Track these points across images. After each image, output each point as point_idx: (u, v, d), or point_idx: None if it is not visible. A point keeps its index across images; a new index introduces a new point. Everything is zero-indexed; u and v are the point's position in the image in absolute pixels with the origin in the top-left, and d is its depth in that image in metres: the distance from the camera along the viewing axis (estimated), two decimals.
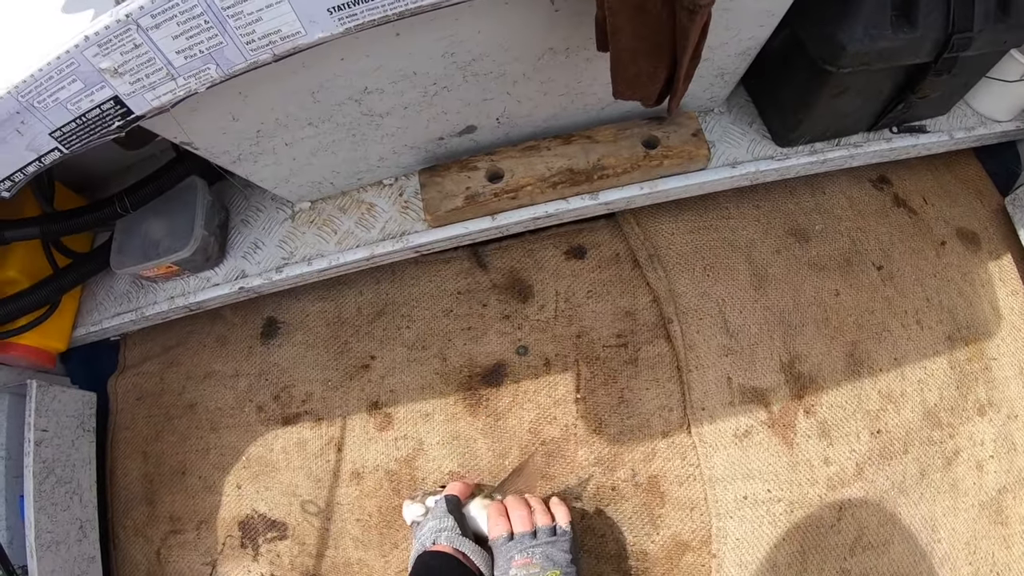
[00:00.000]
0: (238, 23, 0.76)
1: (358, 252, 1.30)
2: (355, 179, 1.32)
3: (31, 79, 0.79)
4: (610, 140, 1.25)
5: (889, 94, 1.25)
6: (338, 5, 0.78)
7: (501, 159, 1.25)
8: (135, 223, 1.40)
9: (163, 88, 0.82)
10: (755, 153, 1.32)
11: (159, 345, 1.65)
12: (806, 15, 1.09)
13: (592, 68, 1.11)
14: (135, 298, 1.49)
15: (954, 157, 1.51)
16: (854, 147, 1.34)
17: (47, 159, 0.90)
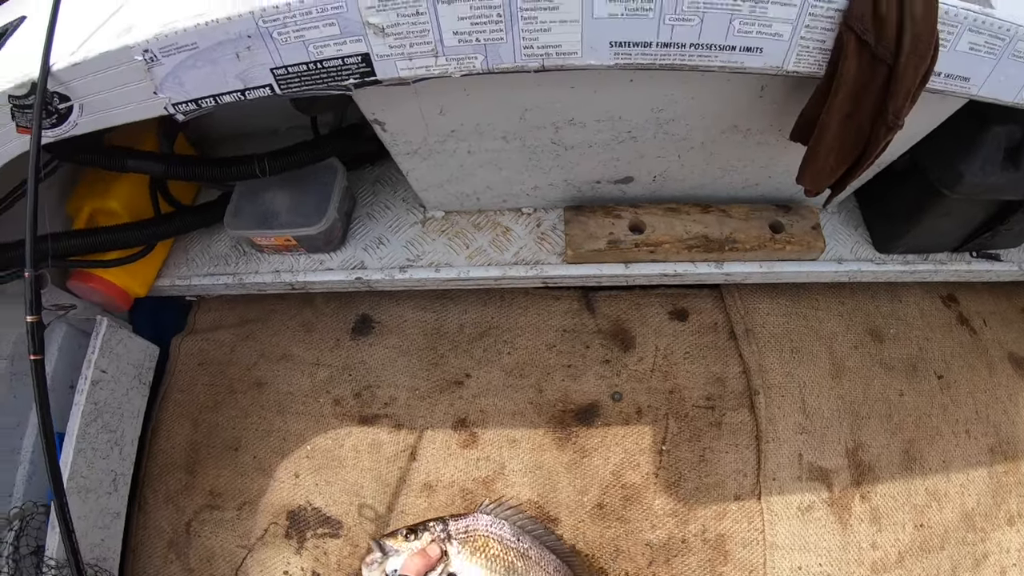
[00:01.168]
0: (527, 27, 0.76)
1: (489, 270, 1.29)
2: (500, 200, 1.32)
3: (285, 7, 0.76)
4: (742, 218, 1.29)
5: (981, 222, 1.33)
6: (620, 41, 0.78)
7: (644, 213, 1.27)
8: (257, 189, 1.36)
9: (420, 61, 0.81)
10: (857, 254, 1.38)
11: (236, 316, 1.58)
12: (931, 145, 1.16)
13: (758, 151, 1.16)
14: (234, 263, 1.43)
15: (1016, 287, 1.60)
16: (939, 263, 1.42)
17: (250, 94, 0.87)
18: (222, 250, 1.45)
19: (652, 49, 0.79)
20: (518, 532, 0.97)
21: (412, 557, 0.94)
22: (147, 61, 0.85)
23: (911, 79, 0.86)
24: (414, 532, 0.95)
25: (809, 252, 1.31)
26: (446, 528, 0.96)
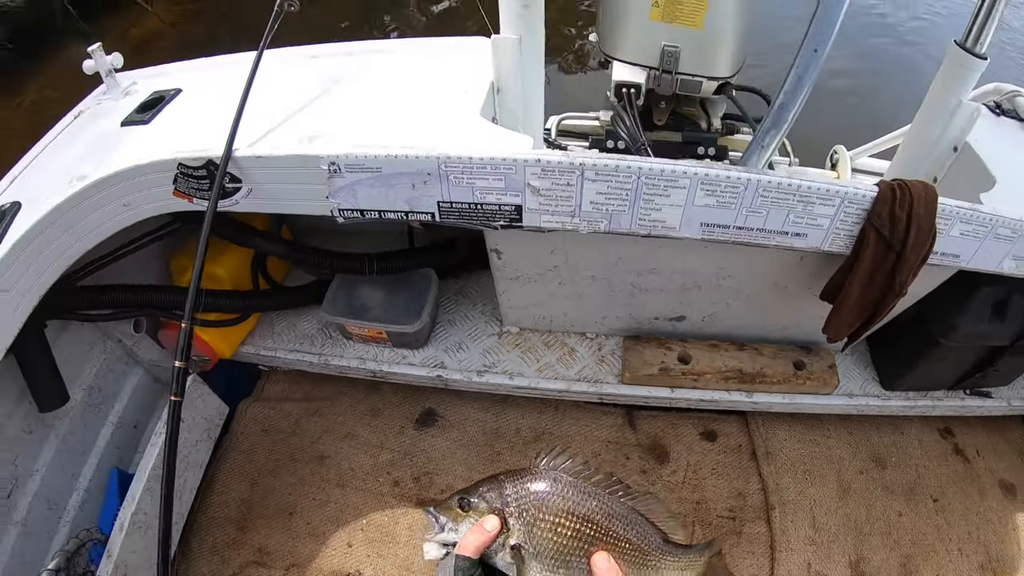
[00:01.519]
0: (644, 206, 1.01)
1: (556, 383, 1.49)
2: (570, 324, 1.54)
3: (466, 159, 0.98)
4: (771, 356, 1.53)
5: (973, 364, 1.56)
6: (708, 222, 1.03)
7: (690, 348, 1.51)
8: (354, 282, 1.56)
9: (559, 218, 1.04)
10: (866, 391, 1.60)
11: (303, 391, 1.73)
12: (931, 301, 1.40)
13: (791, 304, 1.40)
14: (320, 344, 1.61)
15: (1006, 420, 1.80)
16: (937, 400, 1.63)
17: (412, 216, 1.07)
18: (308, 330, 1.63)
19: (730, 230, 1.05)
20: (582, 486, 0.82)
21: (469, 534, 0.80)
22: (330, 172, 1.02)
23: (914, 261, 1.12)
24: (468, 503, 0.82)
25: (825, 387, 1.53)
26: (502, 495, 0.81)
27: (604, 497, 0.82)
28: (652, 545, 0.83)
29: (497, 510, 0.80)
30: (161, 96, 1.33)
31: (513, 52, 1.07)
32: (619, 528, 0.81)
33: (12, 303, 1.11)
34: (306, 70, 1.29)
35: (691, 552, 0.86)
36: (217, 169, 1.07)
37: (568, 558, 0.79)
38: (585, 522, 0.79)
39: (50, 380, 1.31)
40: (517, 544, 0.79)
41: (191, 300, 1.01)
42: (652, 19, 1.38)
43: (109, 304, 1.38)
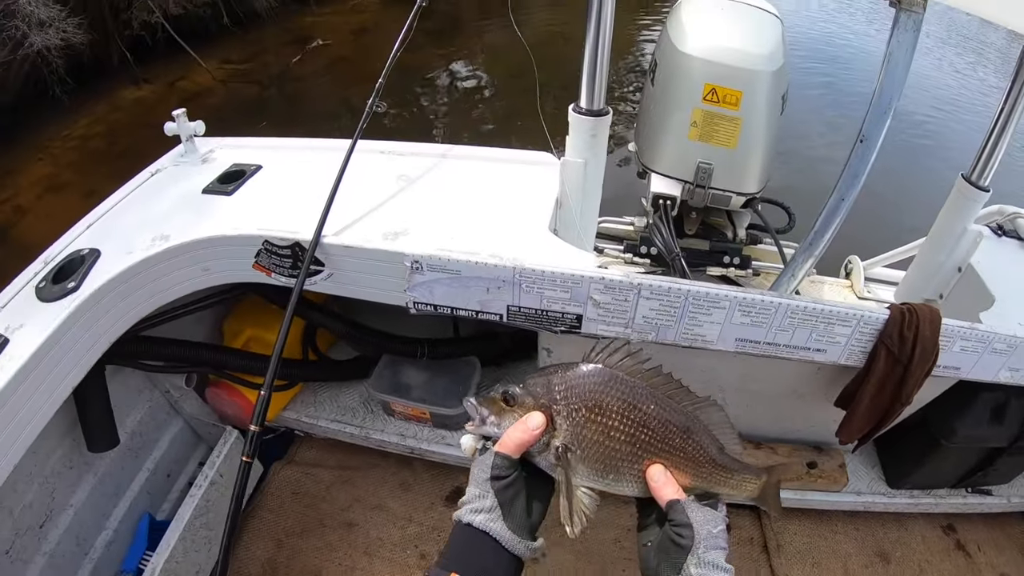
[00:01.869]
0: (689, 322, 1.14)
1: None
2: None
3: (540, 272, 1.09)
4: (785, 455, 1.64)
5: (974, 464, 1.66)
6: (742, 338, 1.16)
7: None
8: (400, 363, 1.66)
9: (614, 328, 1.15)
10: (873, 489, 1.70)
11: (335, 459, 1.81)
12: (935, 406, 1.50)
13: (806, 408, 1.52)
14: (361, 417, 1.70)
15: (1007, 517, 1.87)
16: (940, 497, 1.72)
17: (481, 315, 1.17)
18: (351, 403, 1.72)
19: (760, 344, 1.18)
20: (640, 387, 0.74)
21: (512, 431, 0.74)
22: (413, 269, 1.11)
23: (919, 374, 1.25)
24: (513, 396, 0.74)
25: (835, 485, 1.63)
26: (551, 390, 0.73)
27: (662, 401, 0.75)
28: (706, 458, 0.77)
29: (544, 407, 0.73)
30: (242, 170, 1.43)
31: (578, 174, 1.21)
32: (675, 437, 0.75)
33: (86, 345, 1.17)
34: (384, 165, 1.41)
35: (745, 472, 0.79)
36: (302, 250, 1.19)
37: (618, 464, 0.74)
38: (640, 427, 0.73)
39: (104, 422, 1.36)
40: (563, 445, 0.73)
41: (273, 369, 1.10)
42: (690, 138, 1.55)
43: (168, 357, 1.46)
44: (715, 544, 0.70)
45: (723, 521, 0.73)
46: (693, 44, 1.52)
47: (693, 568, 0.68)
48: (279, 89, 6.33)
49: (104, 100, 5.99)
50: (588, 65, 1.10)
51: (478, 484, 0.73)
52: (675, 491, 0.74)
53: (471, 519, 0.71)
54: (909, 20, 1.10)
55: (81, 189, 4.76)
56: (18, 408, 1.04)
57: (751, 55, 1.50)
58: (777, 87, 1.54)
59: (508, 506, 0.72)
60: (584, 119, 1.15)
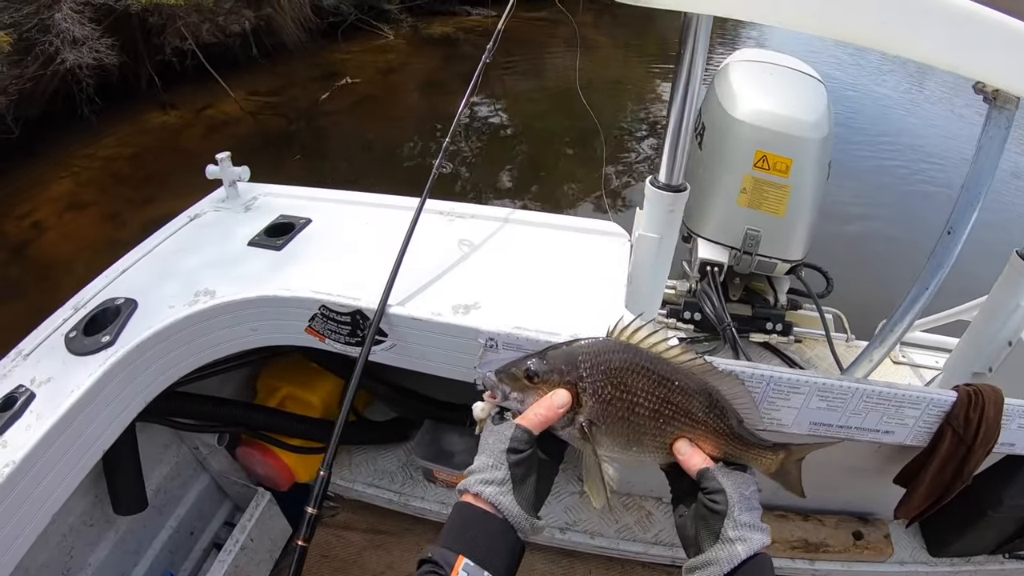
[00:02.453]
0: (767, 407, 1.13)
1: (634, 545, 1.54)
2: (649, 489, 1.62)
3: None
4: (832, 526, 1.63)
5: (1013, 532, 1.65)
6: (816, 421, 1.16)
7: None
8: (442, 429, 1.61)
9: None
10: (915, 558, 1.69)
11: (367, 523, 1.75)
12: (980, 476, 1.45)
13: (860, 483, 1.52)
14: (400, 482, 1.65)
15: None
16: (978, 564, 1.72)
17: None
18: (388, 467, 1.67)
19: (833, 428, 1.17)
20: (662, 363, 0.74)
21: (536, 407, 0.74)
22: (486, 346, 1.06)
23: (981, 454, 1.24)
24: (536, 374, 0.73)
25: (880, 556, 1.62)
26: (576, 367, 0.73)
27: (686, 375, 0.75)
28: (727, 431, 0.77)
29: (569, 384, 0.73)
30: (291, 223, 1.37)
31: (652, 249, 1.20)
32: (698, 411, 0.75)
33: (121, 405, 1.10)
34: (444, 228, 1.36)
35: (765, 447, 0.79)
36: (363, 319, 1.13)
37: (642, 437, 0.75)
38: (664, 402, 0.73)
39: (134, 485, 1.29)
40: (588, 420, 0.73)
41: (332, 448, 1.04)
42: (739, 204, 1.56)
43: (203, 415, 1.40)
44: (749, 506, 0.72)
45: (753, 483, 0.76)
46: (744, 109, 1.53)
47: (731, 531, 0.69)
48: (307, 123, 6.33)
49: (130, 122, 5.97)
50: (671, 141, 1.09)
51: (492, 454, 0.73)
52: (703, 460, 0.75)
53: (480, 490, 0.70)
54: (1001, 117, 1.12)
55: (103, 210, 4.67)
56: (44, 473, 0.96)
57: (802, 123, 1.52)
58: (824, 154, 1.56)
59: (519, 482, 0.72)
60: (662, 194, 1.14)
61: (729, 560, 0.68)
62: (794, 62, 1.72)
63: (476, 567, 0.64)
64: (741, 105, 1.54)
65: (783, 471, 0.82)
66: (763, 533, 0.70)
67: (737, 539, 0.69)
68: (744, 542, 0.69)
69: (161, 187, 4.83)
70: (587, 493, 0.75)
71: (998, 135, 1.14)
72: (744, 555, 0.68)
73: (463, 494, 0.72)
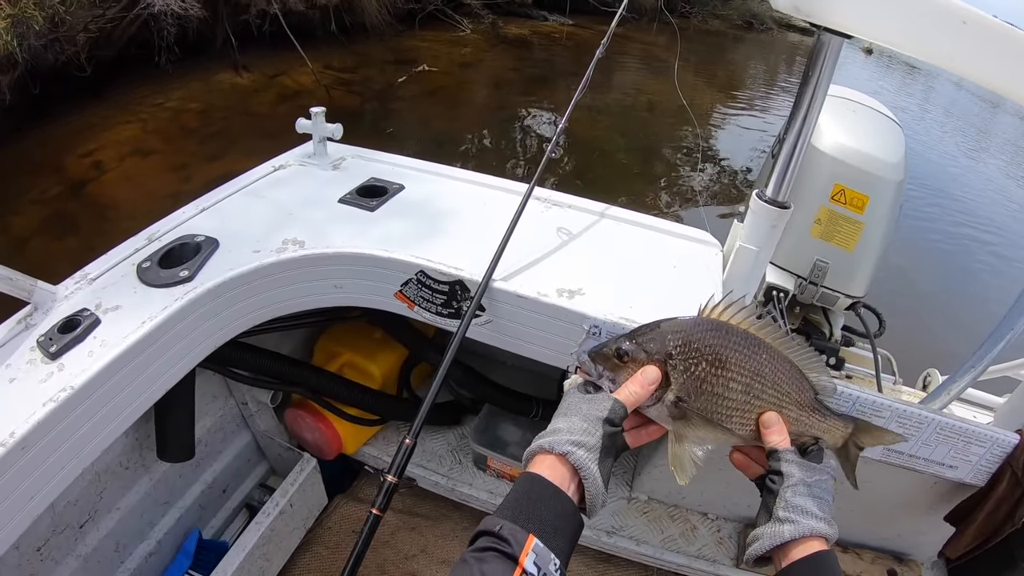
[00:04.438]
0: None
1: (678, 557, 1.54)
2: (697, 504, 1.61)
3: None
4: (869, 561, 1.63)
5: None
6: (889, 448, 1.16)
7: None
8: (499, 419, 1.62)
9: None
10: None
11: (403, 503, 1.74)
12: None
13: (904, 518, 1.53)
14: (448, 466, 1.64)
15: None
16: None
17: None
18: (438, 450, 1.66)
19: (903, 456, 1.20)
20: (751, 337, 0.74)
21: (630, 383, 0.73)
22: (589, 333, 1.05)
23: None
24: (625, 353, 0.74)
25: None
26: (664, 346, 0.73)
27: (770, 349, 0.75)
28: (808, 402, 0.77)
29: (659, 361, 0.73)
30: (384, 187, 1.35)
31: (749, 262, 1.20)
32: (784, 382, 0.75)
33: (188, 347, 1.04)
34: (542, 214, 1.34)
35: (837, 418, 0.79)
36: (463, 289, 1.10)
37: (731, 413, 0.75)
38: (756, 376, 0.74)
39: (184, 433, 1.25)
40: (677, 397, 0.73)
41: (421, 417, 0.96)
42: (812, 235, 1.59)
43: (263, 370, 1.35)
44: (808, 492, 0.71)
45: (824, 472, 0.74)
46: (827, 141, 1.56)
47: (780, 511, 0.69)
48: (380, 104, 6.33)
49: (202, 80, 5.96)
50: (784, 158, 1.11)
51: (587, 419, 0.71)
52: (780, 439, 0.75)
53: (570, 450, 0.67)
54: None
55: (167, 160, 4.65)
56: (100, 406, 0.91)
57: (881, 162, 1.55)
58: (898, 197, 1.59)
59: (604, 454, 0.69)
60: (768, 208, 1.15)
61: (771, 537, 0.69)
62: (876, 103, 1.76)
63: (545, 549, 0.60)
64: (824, 137, 1.57)
65: (846, 448, 0.82)
66: (819, 522, 0.68)
67: (785, 519, 0.69)
68: (793, 523, 0.68)
69: (228, 146, 4.83)
70: (673, 470, 0.75)
71: None
72: (788, 536, 0.67)
73: (537, 457, 0.69)
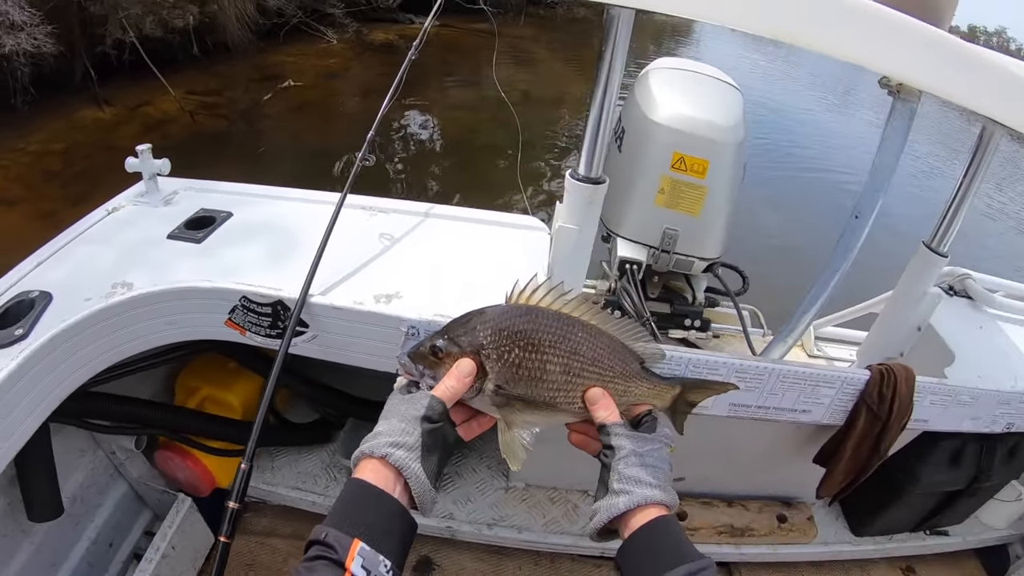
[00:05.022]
0: None
1: (562, 538, 1.52)
2: (576, 482, 1.60)
3: None
4: (756, 511, 1.65)
5: (932, 508, 1.72)
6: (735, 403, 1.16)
7: (686, 505, 1.61)
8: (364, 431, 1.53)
9: None
10: (839, 538, 1.73)
11: (291, 528, 1.66)
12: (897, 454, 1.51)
13: (781, 465, 1.55)
14: (324, 484, 1.58)
15: (962, 555, 1.93)
16: (901, 541, 1.78)
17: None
18: (312, 469, 1.59)
19: (751, 408, 1.17)
20: (563, 317, 0.73)
21: (446, 379, 0.72)
22: (408, 334, 1.04)
23: (896, 429, 1.29)
24: (439, 349, 0.73)
25: (805, 537, 1.65)
26: (475, 337, 0.72)
27: (586, 326, 0.74)
28: (633, 372, 0.77)
29: (472, 353, 0.72)
30: (212, 216, 1.32)
31: (571, 241, 1.18)
32: (604, 357, 0.75)
33: (34, 402, 1.03)
34: (366, 222, 1.34)
35: (664, 382, 0.80)
36: (284, 309, 1.09)
37: (555, 394, 0.74)
38: (573, 355, 0.73)
39: (48, 489, 1.21)
40: (497, 385, 0.72)
41: (253, 440, 0.98)
42: (657, 204, 1.57)
43: (120, 417, 1.31)
44: (640, 463, 0.71)
45: (656, 442, 0.74)
46: (663, 113, 1.54)
47: (615, 483, 0.70)
48: (248, 125, 6.09)
49: (63, 117, 5.60)
50: (590, 134, 1.09)
51: (404, 419, 0.70)
52: (607, 413, 0.74)
53: (389, 452, 0.66)
54: (905, 108, 1.17)
55: (33, 209, 4.37)
56: None
57: (719, 126, 1.55)
58: (739, 158, 1.59)
59: (427, 452, 0.68)
60: (582, 186, 1.13)
61: (608, 510, 0.69)
62: (712, 70, 1.76)
63: (372, 552, 0.59)
64: (660, 109, 1.56)
65: (675, 408, 0.83)
66: (654, 489, 0.69)
67: (620, 491, 0.69)
68: (628, 494, 0.68)
69: (93, 187, 4.53)
70: (505, 457, 0.74)
71: (901, 125, 1.19)
72: (624, 507, 0.68)
73: (363, 461, 0.68)
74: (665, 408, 0.81)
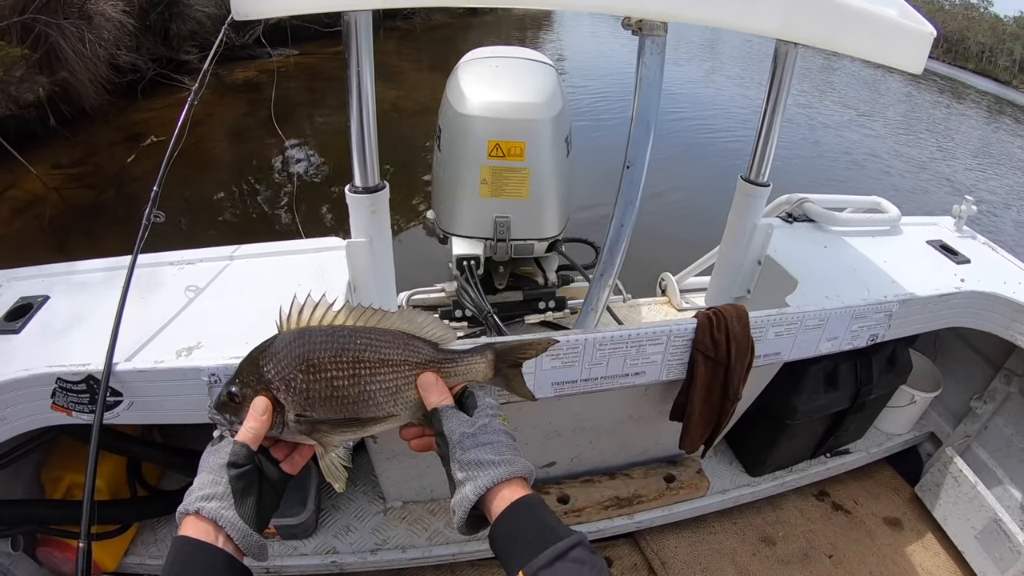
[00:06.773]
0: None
1: (449, 548, 1.47)
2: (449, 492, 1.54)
3: None
4: (642, 477, 1.62)
5: (824, 432, 1.73)
6: (558, 381, 1.14)
7: (566, 488, 1.57)
8: None
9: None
10: (736, 483, 1.72)
11: None
12: (769, 390, 1.56)
13: (647, 429, 1.52)
14: None
15: (873, 467, 1.96)
16: (802, 471, 1.78)
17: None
18: None
19: (577, 383, 1.14)
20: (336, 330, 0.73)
21: (247, 423, 0.71)
22: (211, 383, 1.02)
23: (741, 370, 1.27)
24: (234, 395, 0.73)
25: (698, 492, 1.63)
26: (261, 374, 0.72)
27: (363, 331, 0.74)
28: (427, 357, 0.76)
29: (263, 390, 0.72)
30: (29, 304, 1.27)
31: (366, 253, 1.15)
32: (392, 354, 0.74)
33: None
34: (172, 278, 1.29)
35: (471, 354, 0.78)
36: (96, 383, 1.05)
37: (354, 405, 0.73)
38: (357, 364, 0.72)
39: None
40: (297, 415, 0.71)
41: (87, 517, 0.96)
42: (482, 196, 1.54)
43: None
44: (475, 442, 0.68)
45: (484, 415, 0.72)
46: (472, 104, 1.51)
47: (457, 473, 0.67)
48: (117, 191, 5.73)
49: None
50: (356, 143, 1.05)
51: (211, 470, 0.69)
52: (441, 398, 0.72)
53: (201, 506, 0.64)
54: (654, 44, 1.14)
55: None
56: None
57: (529, 105, 1.52)
58: (559, 131, 1.56)
59: (241, 496, 0.67)
60: (361, 197, 1.10)
61: (460, 504, 0.66)
62: (521, 51, 1.73)
63: None
64: (469, 101, 1.52)
65: (501, 375, 0.79)
66: (498, 467, 0.66)
67: (465, 480, 0.66)
68: (472, 481, 0.65)
69: None
70: (331, 482, 0.73)
71: (654, 62, 1.16)
72: (473, 495, 0.64)
73: (182, 520, 0.66)
74: (491, 379, 0.79)
